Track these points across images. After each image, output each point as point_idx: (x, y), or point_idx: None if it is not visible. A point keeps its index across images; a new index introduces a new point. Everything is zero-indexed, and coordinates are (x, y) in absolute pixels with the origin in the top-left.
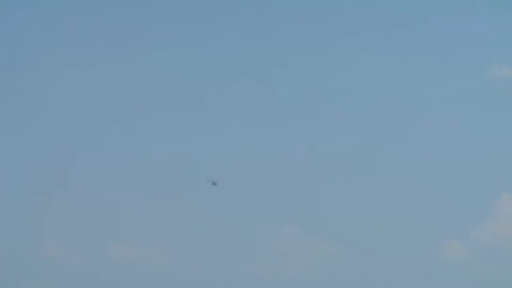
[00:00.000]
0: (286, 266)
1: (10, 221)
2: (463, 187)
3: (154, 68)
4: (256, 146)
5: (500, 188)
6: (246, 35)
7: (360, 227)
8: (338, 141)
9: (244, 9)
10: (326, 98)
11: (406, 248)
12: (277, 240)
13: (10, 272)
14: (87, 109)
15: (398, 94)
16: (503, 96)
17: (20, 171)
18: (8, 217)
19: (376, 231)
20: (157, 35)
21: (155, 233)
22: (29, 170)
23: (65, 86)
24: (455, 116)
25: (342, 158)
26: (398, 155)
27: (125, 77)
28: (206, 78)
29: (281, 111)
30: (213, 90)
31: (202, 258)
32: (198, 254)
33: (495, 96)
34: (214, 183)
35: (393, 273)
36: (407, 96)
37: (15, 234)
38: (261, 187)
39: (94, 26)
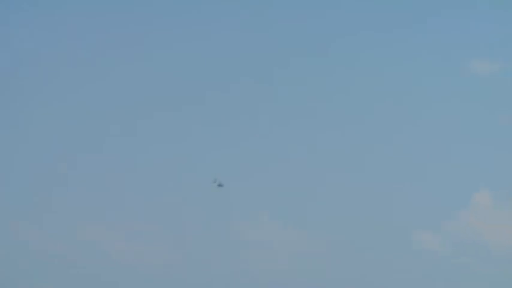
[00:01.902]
0: (269, 256)
1: (10, 219)
2: (441, 181)
3: (154, 68)
4: (255, 145)
5: (476, 183)
6: (246, 35)
7: (338, 219)
8: (324, 138)
9: (244, 9)
10: (324, 96)
11: (383, 238)
12: (259, 232)
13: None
14: (87, 109)
15: (391, 93)
16: (484, 92)
17: (19, 170)
18: (8, 216)
19: (354, 223)
20: (157, 35)
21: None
22: (28, 168)
23: (65, 86)
24: (441, 114)
25: (329, 155)
26: (380, 150)
27: (125, 77)
28: (206, 78)
29: (280, 110)
30: (213, 90)
31: (189, 249)
32: (182, 244)
33: (476, 91)
34: (220, 185)
35: (369, 263)
36: (396, 94)
37: (14, 232)
38: (256, 184)
39: (94, 26)
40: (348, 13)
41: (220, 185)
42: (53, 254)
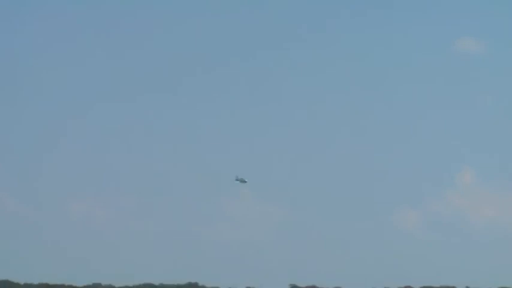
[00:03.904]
0: (239, 227)
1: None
2: (425, 159)
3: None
4: (236, 120)
5: (461, 162)
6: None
7: (319, 193)
8: (307, 113)
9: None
10: (310, 73)
11: (362, 214)
12: (232, 204)
13: None
14: (80, 82)
15: (378, 70)
16: (470, 70)
17: (11, 145)
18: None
19: (336, 200)
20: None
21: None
22: (20, 144)
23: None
24: (426, 92)
25: (311, 130)
26: (364, 128)
27: (116, 63)
28: (192, 61)
29: (263, 88)
30: (205, 67)
31: (163, 218)
32: (154, 214)
33: (462, 69)
34: (244, 181)
35: (351, 239)
36: (383, 71)
37: None
38: (237, 158)
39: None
40: None
41: (243, 181)
42: (43, 226)
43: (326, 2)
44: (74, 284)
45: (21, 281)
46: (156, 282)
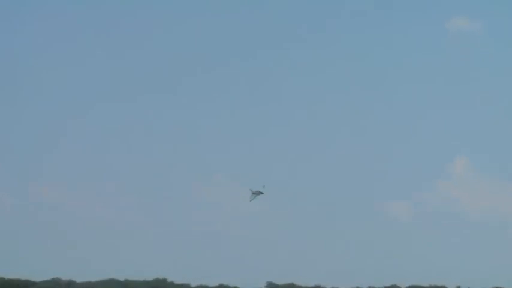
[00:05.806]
0: (215, 223)
1: None
2: (417, 148)
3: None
4: (213, 111)
5: (454, 151)
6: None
7: (306, 185)
8: (296, 103)
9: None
10: (299, 69)
11: (353, 207)
12: (215, 192)
13: None
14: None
15: (366, 57)
16: (463, 52)
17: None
18: None
19: (325, 192)
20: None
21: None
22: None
23: (74, 52)
24: (417, 81)
25: (301, 120)
26: (354, 120)
27: (111, 61)
28: (190, 60)
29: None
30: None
31: (146, 210)
32: (137, 205)
33: (455, 52)
34: (260, 193)
35: (339, 234)
36: (373, 57)
37: None
38: (213, 146)
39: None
40: None
41: (259, 193)
42: (24, 213)
43: (326, 2)
44: (32, 279)
45: None
46: (121, 278)
